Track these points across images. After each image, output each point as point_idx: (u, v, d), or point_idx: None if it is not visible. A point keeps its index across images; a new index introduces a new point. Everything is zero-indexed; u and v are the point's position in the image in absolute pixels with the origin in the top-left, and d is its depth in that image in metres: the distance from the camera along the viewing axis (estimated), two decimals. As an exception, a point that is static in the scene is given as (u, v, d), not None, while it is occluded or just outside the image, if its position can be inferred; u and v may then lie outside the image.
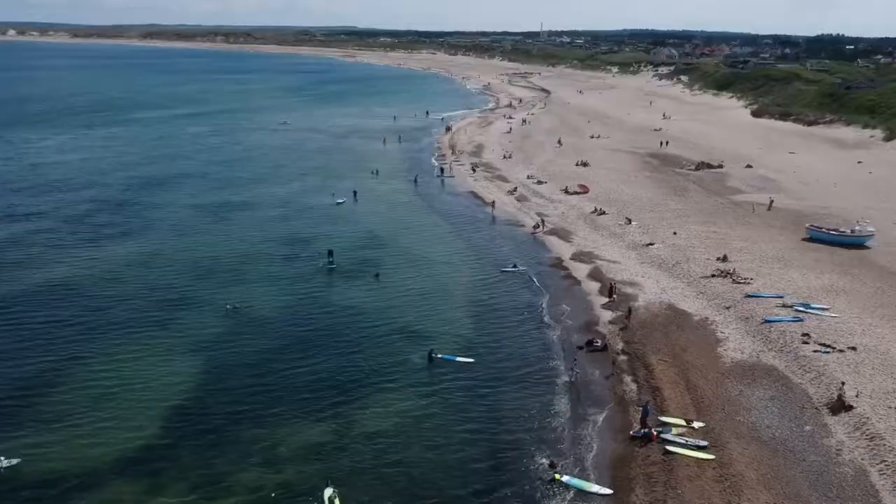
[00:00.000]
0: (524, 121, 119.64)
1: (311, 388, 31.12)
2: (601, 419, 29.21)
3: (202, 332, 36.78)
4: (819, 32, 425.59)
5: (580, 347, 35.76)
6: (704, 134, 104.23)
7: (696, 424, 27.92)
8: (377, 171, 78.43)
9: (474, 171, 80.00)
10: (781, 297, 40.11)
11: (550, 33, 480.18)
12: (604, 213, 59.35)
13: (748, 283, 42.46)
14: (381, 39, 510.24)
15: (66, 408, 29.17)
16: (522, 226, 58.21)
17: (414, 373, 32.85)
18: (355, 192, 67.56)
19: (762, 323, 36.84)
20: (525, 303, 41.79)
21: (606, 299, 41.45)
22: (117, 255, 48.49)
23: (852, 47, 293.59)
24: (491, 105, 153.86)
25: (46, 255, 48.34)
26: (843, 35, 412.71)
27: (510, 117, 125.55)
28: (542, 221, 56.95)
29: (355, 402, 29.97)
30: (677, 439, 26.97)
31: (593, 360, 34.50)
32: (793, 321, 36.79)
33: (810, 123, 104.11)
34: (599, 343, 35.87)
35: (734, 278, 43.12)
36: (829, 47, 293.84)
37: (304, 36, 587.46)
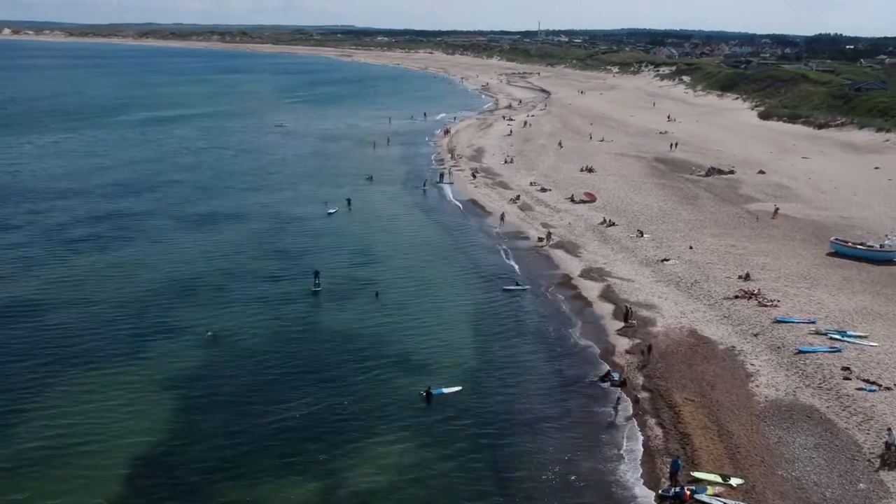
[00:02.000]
0: (525, 123, 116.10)
1: (297, 436, 27.51)
2: (625, 474, 25.67)
3: (177, 365, 33.16)
4: (817, 32, 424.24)
5: (596, 381, 32.29)
6: (711, 137, 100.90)
7: (734, 482, 24.42)
8: (371, 178, 74.81)
9: (474, 176, 76.50)
10: (813, 322, 36.71)
11: (548, 32, 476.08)
12: (613, 224, 55.84)
13: (775, 305, 39.02)
14: (378, 39, 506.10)
15: (13, 463, 25.54)
16: (527, 238, 54.66)
17: (410, 416, 29.26)
18: (349, 201, 64.02)
19: (795, 353, 33.39)
20: (533, 328, 38.27)
21: (622, 324, 37.94)
22: (88, 273, 44.72)
23: (852, 47, 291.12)
24: (490, 106, 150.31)
25: (7, 272, 44.51)
26: (840, 35, 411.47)
27: (510, 119, 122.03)
28: (549, 234, 53.41)
29: (344, 454, 26.37)
30: (714, 501, 23.47)
31: (611, 398, 30.98)
32: (829, 351, 33.36)
33: (821, 126, 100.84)
34: (618, 377, 32.36)
35: (760, 300, 39.67)
36: (829, 47, 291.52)
37: (300, 35, 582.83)
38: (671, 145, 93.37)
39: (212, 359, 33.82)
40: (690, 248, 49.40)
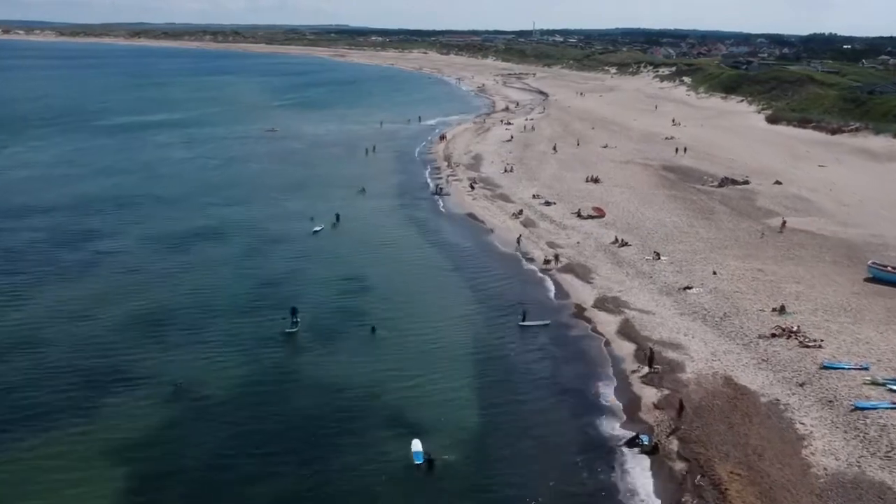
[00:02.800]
0: (524, 127, 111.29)
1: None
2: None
3: (137, 424, 28.36)
4: (811, 32, 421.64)
5: (623, 446, 27.58)
6: (719, 143, 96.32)
7: None
8: (364, 189, 69.96)
9: (473, 187, 71.77)
10: (866, 368, 32.11)
11: (543, 32, 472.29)
12: (626, 244, 51.13)
13: (819, 346, 34.39)
14: (372, 38, 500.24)
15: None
16: (532, 259, 49.93)
17: (406, 493, 24.50)
18: (338, 216, 59.17)
19: (852, 410, 28.75)
20: (547, 375, 33.52)
21: (645, 369, 33.25)
22: (41, 308, 39.67)
23: (849, 47, 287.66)
24: (486, 109, 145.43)
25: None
26: (835, 34, 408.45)
27: (508, 123, 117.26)
28: (557, 256, 48.64)
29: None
30: None
31: (641, 468, 26.28)
32: (891, 408, 28.73)
33: (833, 132, 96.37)
34: (647, 441, 27.65)
35: (800, 339, 35.03)
36: (826, 47, 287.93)
37: (294, 35, 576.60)
38: (677, 150, 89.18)
39: (174, 419, 28.98)
40: (714, 273, 44.71)
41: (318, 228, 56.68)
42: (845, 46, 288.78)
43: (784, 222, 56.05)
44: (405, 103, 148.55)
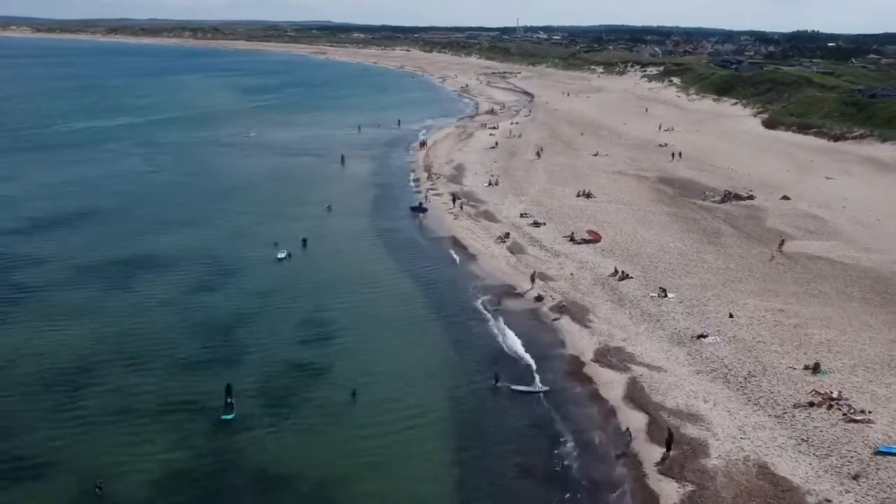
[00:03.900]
0: (510, 132, 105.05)
1: None
2: None
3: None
4: (793, 29, 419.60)
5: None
6: (716, 150, 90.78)
7: None
8: (330, 207, 63.36)
9: (454, 201, 65.70)
10: (931, 453, 26.31)
11: (526, 29, 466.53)
12: (627, 276, 45.17)
13: (868, 420, 28.60)
14: (354, 35, 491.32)
15: None
16: (520, 295, 43.82)
17: None
18: (304, 241, 52.82)
19: (925, 518, 22.93)
20: (541, 462, 27.41)
21: (660, 451, 27.29)
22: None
23: (834, 45, 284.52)
24: (470, 112, 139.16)
25: None
26: (818, 32, 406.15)
27: (493, 127, 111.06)
28: (556, 301, 42.33)
29: None
30: None
31: None
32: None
33: (836, 138, 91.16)
34: (673, 570, 21.65)
35: (844, 411, 29.22)
36: (811, 45, 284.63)
37: (274, 31, 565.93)
38: (673, 155, 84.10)
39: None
40: (731, 316, 38.85)
41: (281, 255, 50.30)
42: (830, 44, 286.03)
43: (782, 241, 50.87)
44: (385, 106, 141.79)
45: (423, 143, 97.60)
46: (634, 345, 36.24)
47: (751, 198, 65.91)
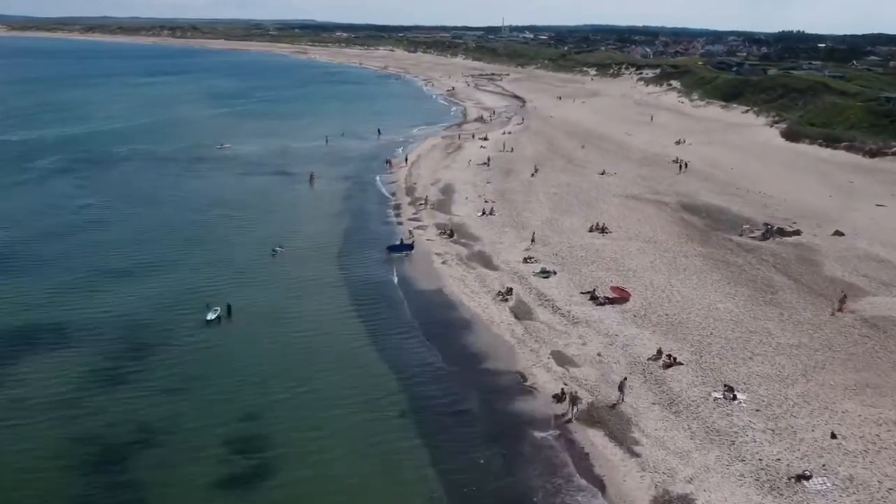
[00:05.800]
0: (503, 145, 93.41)
1: None
2: None
3: None
4: (776, 29, 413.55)
5: None
6: (737, 167, 79.91)
7: None
8: (276, 252, 50.77)
9: (442, 236, 54.49)
10: None
11: (512, 28, 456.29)
12: (675, 360, 33.83)
13: None
14: (337, 34, 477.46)
15: None
16: (531, 391, 32.35)
17: None
18: (229, 308, 40.14)
19: None
20: None
21: None
22: None
23: (824, 45, 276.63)
24: (458, 119, 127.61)
25: None
26: (804, 32, 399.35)
27: (483, 138, 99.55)
28: (575, 395, 30.80)
29: None
30: None
31: None
32: None
33: (874, 154, 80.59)
34: None
35: None
36: (801, 45, 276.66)
37: (255, 30, 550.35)
38: (680, 168, 76.17)
39: None
40: (833, 437, 27.62)
41: (211, 317, 38.88)
42: (820, 45, 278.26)
43: (844, 296, 40.32)
44: (365, 112, 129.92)
45: (405, 159, 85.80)
46: (707, 491, 24.90)
47: (797, 233, 54.98)
